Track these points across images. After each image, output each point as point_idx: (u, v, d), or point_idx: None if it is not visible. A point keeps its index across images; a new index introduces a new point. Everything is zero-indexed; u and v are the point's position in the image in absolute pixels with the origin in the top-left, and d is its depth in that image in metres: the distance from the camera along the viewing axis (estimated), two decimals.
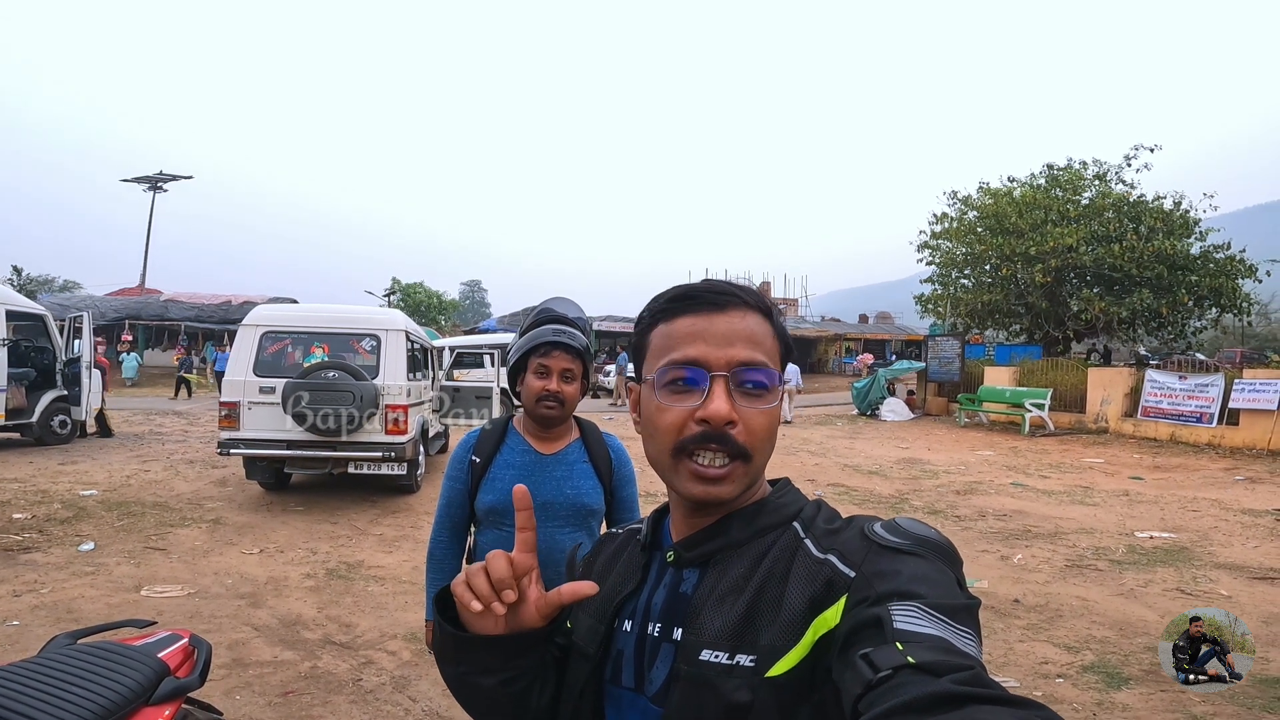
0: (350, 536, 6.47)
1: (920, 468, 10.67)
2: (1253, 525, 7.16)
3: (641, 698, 0.82)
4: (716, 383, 0.80)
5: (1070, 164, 21.50)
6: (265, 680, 3.71)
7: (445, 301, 50.98)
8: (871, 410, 18.21)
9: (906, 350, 37.78)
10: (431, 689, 3.69)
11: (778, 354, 0.85)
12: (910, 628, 0.63)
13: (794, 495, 0.88)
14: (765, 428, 0.81)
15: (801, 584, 0.75)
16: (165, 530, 6.43)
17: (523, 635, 0.82)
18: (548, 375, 2.05)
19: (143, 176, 38.30)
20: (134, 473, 8.92)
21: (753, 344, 0.82)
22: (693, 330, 0.82)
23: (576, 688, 0.87)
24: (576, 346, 2.08)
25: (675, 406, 0.81)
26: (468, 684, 0.86)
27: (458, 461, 2.16)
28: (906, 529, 0.75)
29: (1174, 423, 13.14)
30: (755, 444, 0.81)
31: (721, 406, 0.79)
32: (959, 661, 0.60)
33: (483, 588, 0.78)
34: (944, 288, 22.90)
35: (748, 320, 0.83)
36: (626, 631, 0.86)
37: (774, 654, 0.73)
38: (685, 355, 0.81)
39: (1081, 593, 5.15)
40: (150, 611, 4.50)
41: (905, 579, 0.68)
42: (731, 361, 0.80)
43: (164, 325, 28.34)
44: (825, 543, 0.78)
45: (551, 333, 2.07)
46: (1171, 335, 20.58)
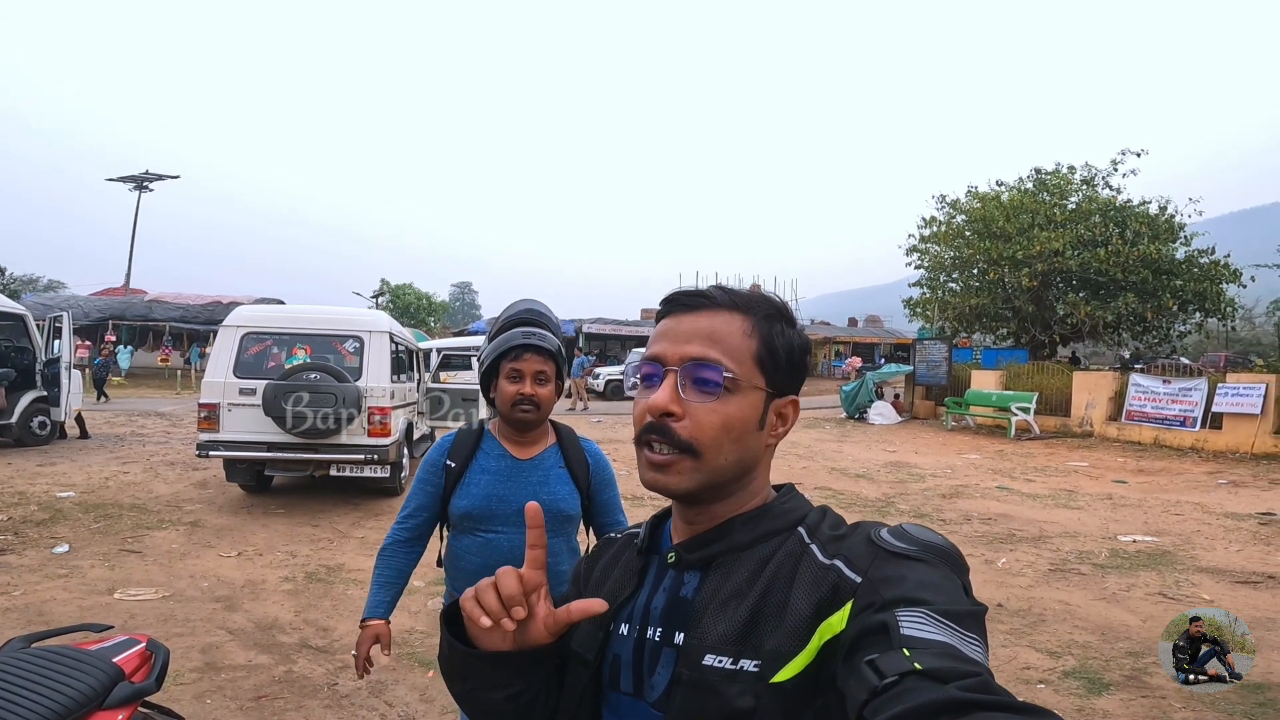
0: (332, 539, 6.41)
1: (906, 471, 10.69)
2: (1235, 529, 7.20)
3: (641, 703, 0.81)
4: (668, 377, 0.82)
5: (1058, 168, 21.67)
6: (238, 684, 3.65)
7: (435, 303, 50.83)
8: (859, 413, 18.25)
9: (895, 354, 37.93)
10: (408, 694, 3.64)
11: (749, 353, 0.83)
12: (917, 634, 0.63)
13: (799, 501, 0.88)
14: (714, 425, 0.80)
15: (807, 589, 0.75)
16: (142, 533, 6.34)
17: (531, 652, 0.82)
18: (521, 379, 2.03)
19: (128, 176, 37.96)
20: (113, 474, 8.82)
21: (710, 342, 0.82)
22: (664, 330, 0.86)
23: (575, 695, 0.86)
24: (548, 348, 2.06)
25: (640, 400, 0.85)
26: (476, 699, 0.86)
27: (431, 465, 2.14)
28: (913, 535, 0.75)
29: (1158, 426, 13.22)
30: (703, 440, 0.80)
31: (659, 397, 0.81)
32: (966, 668, 0.59)
33: (492, 604, 0.78)
34: (932, 291, 23.01)
35: (715, 320, 0.83)
36: (623, 636, 0.85)
37: (779, 659, 0.72)
38: (650, 352, 0.85)
39: (1064, 597, 5.15)
40: (122, 614, 4.43)
41: (912, 585, 0.68)
42: (684, 357, 0.82)
43: (148, 326, 28.09)
44: (831, 548, 0.78)
45: (521, 335, 2.05)
46: (1156, 339, 20.76)
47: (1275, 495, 8.91)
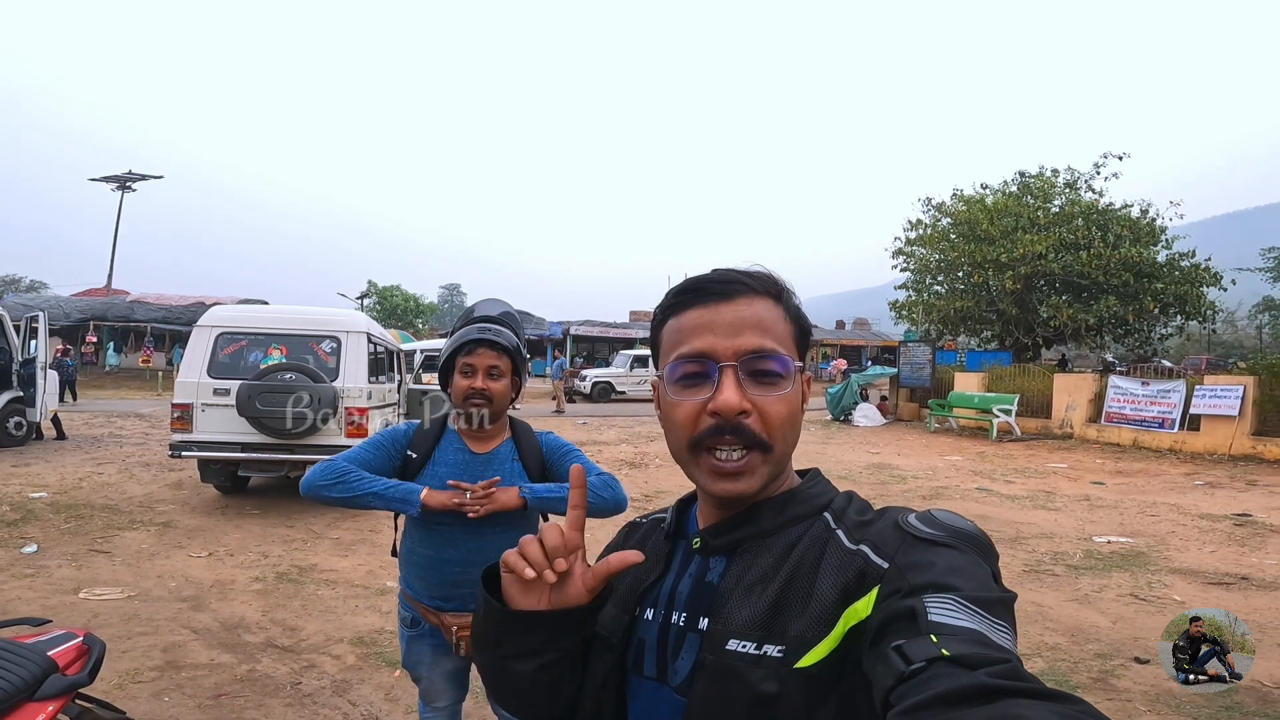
0: (305, 540, 6.35)
1: (889, 473, 10.73)
2: (1210, 530, 7.24)
3: (664, 687, 0.80)
4: (726, 373, 0.79)
5: (1042, 171, 21.86)
6: (198, 683, 3.60)
7: (423, 305, 50.67)
8: (845, 415, 18.30)
9: (882, 356, 38.10)
10: (373, 693, 3.61)
11: (792, 339, 0.83)
12: (945, 620, 0.62)
13: (824, 486, 0.87)
14: (783, 415, 0.80)
15: (833, 574, 0.74)
16: (112, 533, 6.27)
17: (567, 613, 0.81)
18: (473, 374, 2.07)
19: (111, 176, 37.62)
20: (87, 475, 8.73)
21: (762, 331, 0.80)
22: (700, 322, 0.81)
23: (600, 678, 0.85)
24: (502, 343, 2.10)
25: (687, 400, 0.80)
26: (505, 669, 0.84)
27: (392, 440, 2.15)
28: (942, 520, 0.75)
29: (1136, 428, 13.32)
30: (773, 433, 0.79)
31: (731, 397, 0.78)
32: (994, 655, 0.59)
33: (536, 555, 0.78)
34: (918, 294, 23.15)
35: (755, 307, 0.82)
36: (648, 620, 0.85)
37: (804, 645, 0.72)
38: (693, 348, 0.80)
39: (1037, 598, 5.16)
40: (86, 614, 4.38)
41: (940, 571, 0.68)
42: (740, 350, 0.79)
43: (129, 326, 27.86)
44: (857, 534, 0.77)
45: (476, 331, 2.10)
46: (1137, 342, 20.94)
47: (1251, 497, 8.99)
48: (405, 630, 2.22)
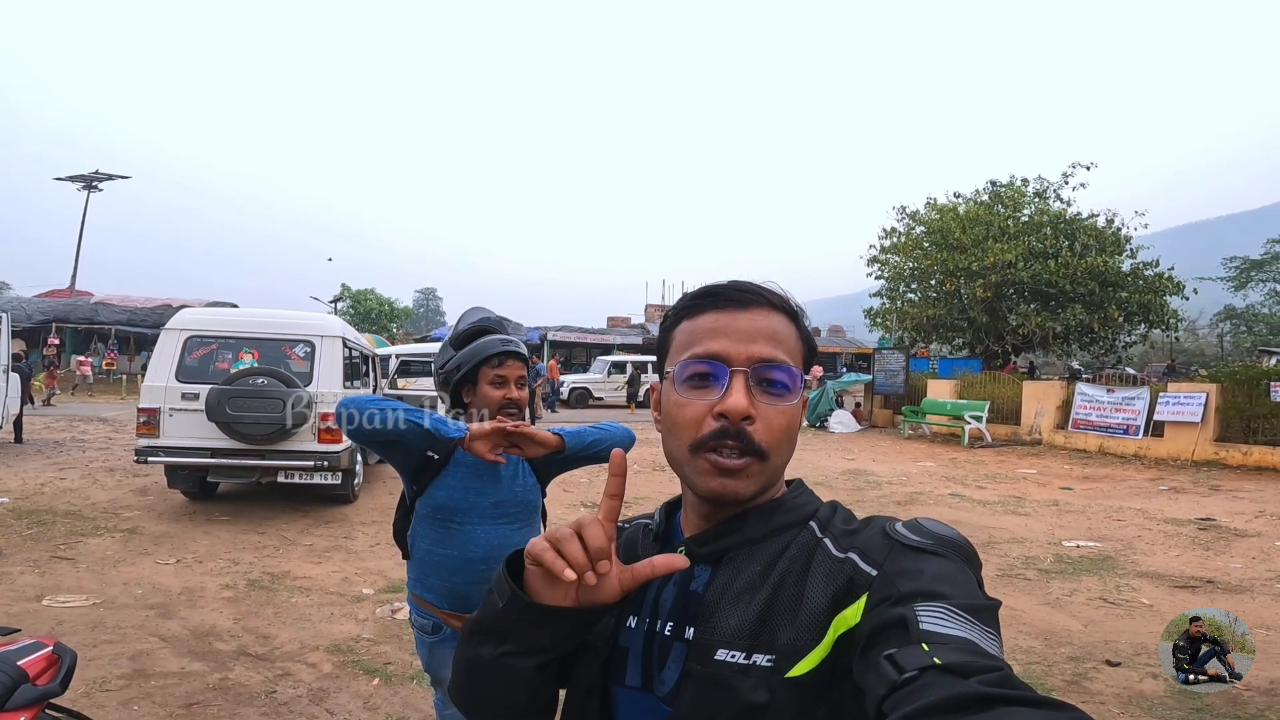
0: (278, 547, 6.24)
1: (864, 479, 10.82)
2: (1175, 534, 7.40)
3: (650, 697, 0.79)
4: (736, 377, 0.79)
5: (1013, 180, 22.23)
6: (168, 692, 3.52)
7: (397, 309, 50.08)
8: (820, 422, 18.44)
9: (857, 363, 38.45)
10: (351, 702, 3.55)
11: (800, 355, 0.85)
12: (936, 629, 0.62)
13: (810, 496, 0.88)
14: (784, 427, 0.81)
15: (822, 582, 0.75)
16: (76, 539, 6.11)
17: (592, 610, 0.77)
18: (505, 384, 2.14)
19: (78, 175, 36.78)
20: (49, 480, 8.50)
21: (775, 342, 0.82)
22: (715, 326, 0.82)
23: (585, 685, 0.84)
24: (524, 353, 2.20)
25: (695, 401, 0.80)
26: (500, 666, 0.79)
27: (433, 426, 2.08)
28: (929, 529, 0.75)
29: (1102, 434, 13.59)
30: (772, 443, 0.80)
31: (739, 401, 0.78)
32: (986, 663, 0.59)
33: (578, 556, 0.73)
34: (891, 302, 23.43)
35: (771, 319, 0.83)
36: (631, 628, 0.83)
37: (795, 654, 0.71)
38: (707, 350, 0.81)
39: (1010, 602, 5.23)
40: (49, 621, 4.26)
41: (929, 579, 0.68)
42: (752, 358, 0.80)
43: (93, 328, 27.22)
44: (844, 542, 0.78)
45: (500, 343, 2.16)
46: (1103, 350, 21.35)
47: (1215, 501, 9.19)
48: (425, 637, 2.20)
